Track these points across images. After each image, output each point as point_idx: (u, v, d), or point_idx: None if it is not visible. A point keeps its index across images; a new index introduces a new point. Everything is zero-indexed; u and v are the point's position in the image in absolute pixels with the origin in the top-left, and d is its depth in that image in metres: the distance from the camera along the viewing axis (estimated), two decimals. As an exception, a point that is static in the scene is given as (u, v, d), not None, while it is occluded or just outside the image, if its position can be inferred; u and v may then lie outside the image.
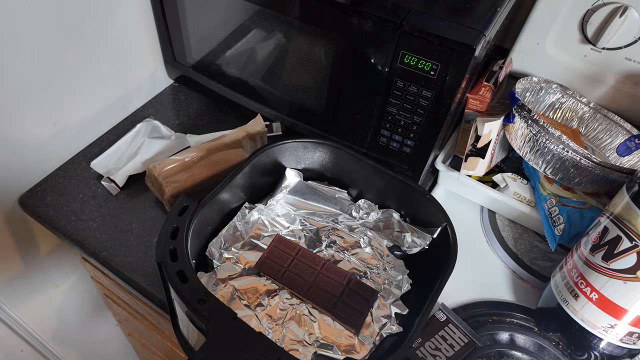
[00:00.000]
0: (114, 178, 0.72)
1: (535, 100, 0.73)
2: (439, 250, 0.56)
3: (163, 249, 0.45)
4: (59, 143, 0.75)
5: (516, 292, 0.64)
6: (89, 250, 0.66)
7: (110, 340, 1.20)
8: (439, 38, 0.54)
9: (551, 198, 0.64)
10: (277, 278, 0.55)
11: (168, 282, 0.43)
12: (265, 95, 0.77)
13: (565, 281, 0.55)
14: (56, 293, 0.94)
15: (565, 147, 0.59)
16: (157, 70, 0.87)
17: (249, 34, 0.70)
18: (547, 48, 0.70)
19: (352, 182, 0.64)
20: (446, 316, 0.59)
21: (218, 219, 0.58)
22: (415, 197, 0.59)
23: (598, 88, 0.70)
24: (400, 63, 0.58)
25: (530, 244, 0.69)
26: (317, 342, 0.50)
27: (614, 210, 0.51)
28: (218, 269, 0.55)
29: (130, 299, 0.84)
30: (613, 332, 0.52)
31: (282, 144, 0.61)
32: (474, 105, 0.67)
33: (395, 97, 0.61)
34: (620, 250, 0.49)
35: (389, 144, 0.67)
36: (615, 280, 0.49)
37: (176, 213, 0.49)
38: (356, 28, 0.58)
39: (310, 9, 0.60)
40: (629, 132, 0.70)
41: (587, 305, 0.52)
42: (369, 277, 0.57)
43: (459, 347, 0.56)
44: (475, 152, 0.66)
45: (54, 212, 0.70)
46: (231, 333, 0.40)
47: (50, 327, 0.98)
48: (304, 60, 0.67)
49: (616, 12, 0.61)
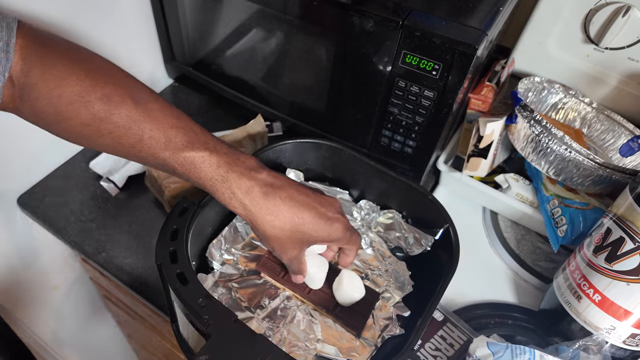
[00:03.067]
0: (113, 179, 0.71)
1: (537, 101, 0.72)
2: (441, 251, 0.55)
3: (163, 251, 0.45)
4: (58, 143, 0.74)
5: (518, 294, 0.64)
6: (88, 252, 0.66)
7: (110, 341, 1.19)
8: (441, 38, 0.53)
9: (554, 199, 0.64)
10: (277, 279, 0.54)
11: (168, 284, 0.43)
12: (265, 95, 0.77)
13: (567, 283, 0.55)
14: (55, 294, 0.94)
15: (568, 148, 0.58)
16: (157, 69, 0.87)
17: (250, 33, 0.70)
18: (549, 48, 0.69)
19: (353, 183, 0.64)
20: (444, 316, 0.58)
21: (218, 220, 0.57)
22: (417, 198, 0.59)
23: (601, 88, 0.70)
24: (402, 63, 0.57)
25: (533, 245, 0.69)
26: (318, 344, 0.50)
27: (617, 211, 0.51)
28: (218, 270, 0.54)
29: (129, 301, 0.84)
30: (616, 334, 0.52)
31: (282, 144, 0.61)
32: (476, 105, 0.67)
33: (397, 97, 0.61)
34: (623, 251, 0.49)
35: (391, 144, 0.67)
36: (619, 281, 0.49)
37: (176, 214, 0.48)
38: (357, 27, 0.58)
39: (311, 8, 0.60)
40: (632, 133, 0.69)
41: (590, 307, 0.52)
42: (371, 278, 0.57)
43: (458, 345, 0.56)
44: (477, 152, 0.66)
45: (53, 212, 0.70)
46: (231, 335, 0.40)
47: (49, 329, 0.98)
48: (304, 59, 0.67)
49: (619, 12, 0.61)
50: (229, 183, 0.42)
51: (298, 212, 0.44)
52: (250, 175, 0.43)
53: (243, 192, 0.43)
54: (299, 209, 0.45)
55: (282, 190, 0.44)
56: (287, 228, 0.45)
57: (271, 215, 0.44)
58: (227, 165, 0.42)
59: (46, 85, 0.37)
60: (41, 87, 0.37)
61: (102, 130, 0.40)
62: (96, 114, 0.39)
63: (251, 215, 0.44)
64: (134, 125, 0.40)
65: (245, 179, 0.43)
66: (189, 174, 0.42)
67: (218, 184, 0.43)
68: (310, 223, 0.45)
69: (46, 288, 0.91)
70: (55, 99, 0.38)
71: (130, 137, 0.40)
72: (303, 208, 0.45)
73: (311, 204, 0.45)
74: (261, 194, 0.43)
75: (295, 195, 0.45)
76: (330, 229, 0.47)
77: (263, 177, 0.44)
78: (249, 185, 0.43)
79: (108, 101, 0.39)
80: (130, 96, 0.40)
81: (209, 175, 0.42)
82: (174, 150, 0.41)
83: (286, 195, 0.44)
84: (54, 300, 0.94)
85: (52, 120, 0.39)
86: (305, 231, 0.45)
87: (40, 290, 0.90)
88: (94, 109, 0.39)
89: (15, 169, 0.71)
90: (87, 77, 0.38)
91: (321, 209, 0.46)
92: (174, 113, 0.42)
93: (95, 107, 0.39)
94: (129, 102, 0.40)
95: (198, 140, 0.42)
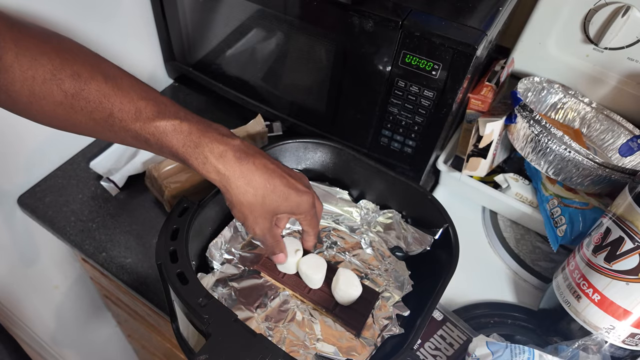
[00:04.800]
0: (114, 178, 0.71)
1: (537, 101, 0.72)
2: (441, 251, 0.55)
3: (163, 251, 0.45)
4: (58, 143, 0.74)
5: (518, 293, 0.64)
6: (88, 251, 0.66)
7: (110, 341, 1.19)
8: (440, 38, 0.53)
9: (553, 199, 0.64)
10: (277, 279, 0.54)
11: (168, 284, 0.43)
12: (265, 95, 0.77)
13: (567, 282, 0.55)
14: (55, 294, 0.94)
15: (567, 148, 0.58)
16: (157, 69, 0.87)
17: (250, 34, 0.70)
18: (549, 48, 0.69)
19: (353, 183, 0.64)
20: (443, 315, 0.59)
21: (218, 220, 0.57)
22: (416, 198, 0.59)
23: (600, 88, 0.70)
24: (401, 63, 0.58)
25: (532, 244, 0.69)
26: (317, 344, 0.50)
27: (616, 211, 0.51)
28: (218, 270, 0.54)
29: (129, 300, 0.84)
30: (615, 333, 0.52)
31: (282, 144, 0.61)
32: (475, 105, 0.67)
33: (397, 97, 0.61)
34: (622, 251, 0.49)
35: (390, 144, 0.67)
36: (618, 281, 0.49)
37: (176, 214, 0.48)
38: (357, 28, 0.58)
39: (311, 8, 0.60)
40: (632, 133, 0.69)
41: (589, 307, 0.52)
42: (370, 278, 0.57)
43: (458, 345, 0.56)
44: (477, 152, 0.66)
45: (54, 212, 0.70)
46: (231, 335, 0.40)
47: (49, 328, 0.98)
48: (304, 59, 0.67)
49: (618, 12, 0.61)
50: (201, 148, 0.43)
51: (270, 178, 0.45)
52: (224, 140, 0.44)
53: (216, 156, 0.43)
54: (271, 175, 0.46)
55: (255, 158, 0.45)
56: (259, 194, 0.45)
57: (244, 179, 0.44)
58: (199, 132, 0.43)
59: (20, 67, 0.38)
60: (15, 69, 0.38)
61: (75, 107, 0.41)
62: (68, 91, 0.40)
63: (224, 180, 0.44)
64: (105, 100, 0.41)
65: (218, 143, 0.43)
66: (162, 144, 0.43)
67: (190, 149, 0.43)
68: (281, 191, 0.46)
69: (46, 288, 0.91)
70: (30, 80, 0.39)
71: (102, 112, 0.41)
72: (275, 175, 0.46)
73: (282, 173, 0.47)
74: (234, 159, 0.44)
75: (268, 164, 0.46)
76: (300, 200, 0.48)
77: (236, 143, 0.45)
78: (222, 149, 0.43)
79: (79, 77, 0.40)
80: (100, 72, 0.41)
81: (181, 142, 0.43)
82: (144, 121, 0.42)
83: (260, 162, 0.45)
84: (54, 299, 0.95)
85: (25, 102, 0.40)
86: (275, 199, 0.46)
87: (41, 290, 0.90)
88: (65, 85, 0.40)
89: (16, 169, 0.71)
90: (58, 56, 0.39)
91: (291, 180, 0.47)
92: (143, 87, 0.43)
93: (67, 84, 0.40)
94: (99, 78, 0.41)
95: (168, 110, 0.43)
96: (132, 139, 0.43)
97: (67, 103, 0.40)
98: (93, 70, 0.41)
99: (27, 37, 0.39)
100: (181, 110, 0.44)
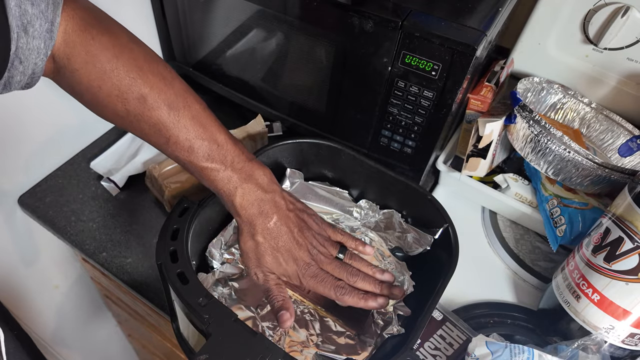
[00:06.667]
0: (114, 178, 0.72)
1: (536, 101, 0.72)
2: (440, 251, 0.56)
3: (163, 250, 0.45)
4: (58, 143, 0.74)
5: (517, 293, 0.64)
6: (88, 251, 0.66)
7: (110, 340, 1.19)
8: (440, 38, 0.53)
9: (553, 199, 0.64)
10: (277, 279, 0.54)
11: (168, 284, 0.43)
12: (265, 95, 0.77)
13: (566, 282, 0.55)
14: (55, 294, 0.94)
15: (567, 148, 0.59)
16: (157, 70, 0.87)
17: (250, 34, 0.70)
18: (548, 48, 0.69)
19: (353, 183, 0.64)
20: (443, 315, 0.59)
21: (219, 220, 0.57)
22: (416, 198, 0.59)
23: (600, 88, 0.70)
24: (401, 63, 0.58)
25: (532, 244, 0.69)
26: (318, 344, 0.50)
27: (615, 211, 0.51)
28: (218, 269, 0.54)
29: (130, 300, 0.84)
30: (615, 333, 0.52)
31: (282, 144, 0.61)
32: (475, 105, 0.67)
33: (397, 97, 0.61)
34: (622, 251, 0.49)
35: (390, 144, 0.67)
36: (618, 281, 0.49)
37: (176, 214, 0.49)
38: (357, 28, 0.58)
39: (311, 8, 0.60)
40: (631, 133, 0.70)
41: (589, 307, 0.52)
42: (370, 278, 0.57)
43: (457, 344, 0.56)
44: (476, 152, 0.66)
45: (54, 212, 0.70)
46: (231, 334, 0.40)
47: (49, 328, 0.98)
48: (304, 60, 0.67)
49: (618, 12, 0.61)
50: (234, 196, 0.47)
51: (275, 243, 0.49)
52: (256, 194, 0.47)
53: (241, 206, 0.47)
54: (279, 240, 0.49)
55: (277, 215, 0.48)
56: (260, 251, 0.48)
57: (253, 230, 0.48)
58: (240, 180, 0.46)
59: (87, 75, 0.39)
60: (82, 75, 0.39)
61: (134, 125, 0.42)
62: (130, 111, 0.41)
63: (239, 224, 0.49)
64: (163, 129, 0.43)
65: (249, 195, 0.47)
66: (202, 177, 0.46)
67: (224, 193, 0.47)
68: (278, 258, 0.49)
69: (47, 287, 0.91)
70: (95, 89, 0.40)
71: (158, 137, 0.43)
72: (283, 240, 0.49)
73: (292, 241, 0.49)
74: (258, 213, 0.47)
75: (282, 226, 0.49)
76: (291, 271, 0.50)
77: (267, 197, 0.48)
78: (252, 200, 0.47)
79: (144, 102, 0.41)
80: (165, 101, 0.42)
81: (220, 185, 0.46)
82: (195, 158, 0.45)
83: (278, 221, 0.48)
84: (54, 299, 0.95)
85: (86, 100, 0.42)
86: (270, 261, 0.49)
87: (41, 290, 0.90)
88: (129, 105, 0.41)
89: (16, 169, 0.71)
90: (127, 75, 0.40)
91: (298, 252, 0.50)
92: (202, 121, 0.45)
93: (131, 105, 0.41)
94: (162, 108, 0.42)
95: (219, 153, 0.45)
96: (180, 163, 0.46)
97: (127, 119, 0.42)
98: (159, 98, 0.42)
99: (98, 45, 0.39)
100: (229, 153, 0.46)
